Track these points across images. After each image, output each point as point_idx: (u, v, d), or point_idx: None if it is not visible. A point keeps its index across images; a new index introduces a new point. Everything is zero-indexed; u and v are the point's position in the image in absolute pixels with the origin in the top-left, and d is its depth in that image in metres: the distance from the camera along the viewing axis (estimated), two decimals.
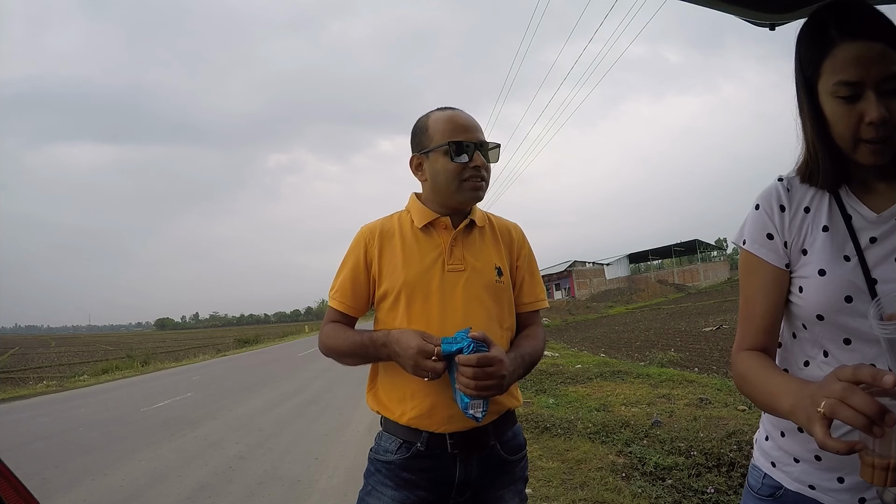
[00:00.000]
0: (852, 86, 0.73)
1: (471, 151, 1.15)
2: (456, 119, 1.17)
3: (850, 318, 0.78)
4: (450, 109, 1.21)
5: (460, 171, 1.15)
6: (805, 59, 0.79)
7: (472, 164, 1.15)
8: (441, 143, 1.15)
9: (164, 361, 21.82)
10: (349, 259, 1.21)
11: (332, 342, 1.18)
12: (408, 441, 1.13)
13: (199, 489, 3.77)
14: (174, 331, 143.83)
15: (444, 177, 1.16)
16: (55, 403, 9.83)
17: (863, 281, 0.77)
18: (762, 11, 1.14)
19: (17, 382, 18.09)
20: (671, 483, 3.00)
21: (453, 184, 1.16)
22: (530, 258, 1.30)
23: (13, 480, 0.69)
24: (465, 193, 1.17)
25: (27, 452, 5.33)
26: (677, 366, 7.95)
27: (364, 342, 1.12)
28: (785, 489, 0.88)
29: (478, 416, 1.01)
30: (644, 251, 51.09)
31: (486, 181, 1.19)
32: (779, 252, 0.85)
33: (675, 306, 26.81)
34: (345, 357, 1.18)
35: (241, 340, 36.00)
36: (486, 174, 1.19)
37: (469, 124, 1.18)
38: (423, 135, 1.20)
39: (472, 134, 1.17)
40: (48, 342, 52.61)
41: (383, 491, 1.14)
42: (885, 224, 0.79)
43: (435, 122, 1.18)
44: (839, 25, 0.74)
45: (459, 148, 1.15)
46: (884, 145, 0.74)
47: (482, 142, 1.18)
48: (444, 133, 1.16)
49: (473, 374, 0.96)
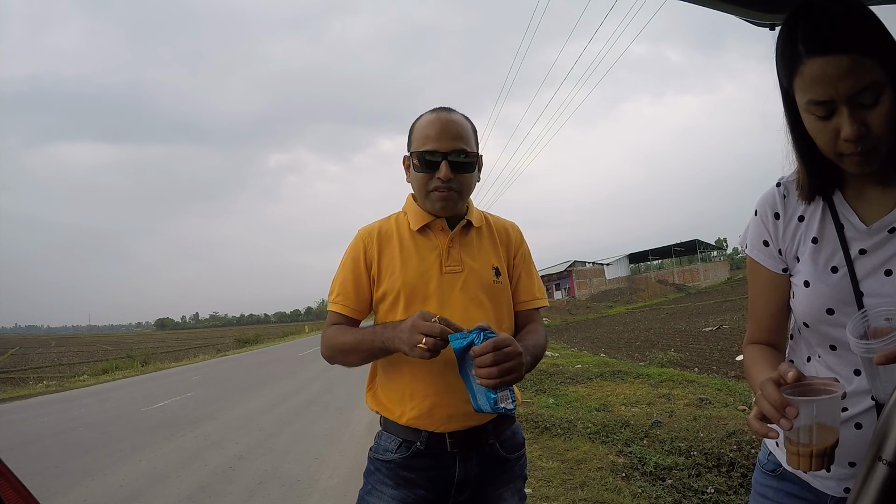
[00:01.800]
0: (823, 104, 0.71)
1: (436, 163, 1.12)
2: (433, 124, 1.14)
3: (833, 329, 0.80)
4: (436, 112, 1.17)
5: (426, 182, 1.14)
6: (780, 73, 0.77)
7: (437, 175, 1.12)
8: (415, 150, 1.15)
9: (164, 361, 21.82)
10: (348, 261, 1.21)
11: (335, 340, 1.17)
12: (407, 440, 1.14)
13: (199, 489, 3.77)
14: (174, 331, 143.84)
15: (415, 184, 1.18)
16: (55, 403, 9.84)
17: (850, 293, 0.78)
18: (762, 11, 1.14)
19: (17, 382, 18.09)
20: (671, 483, 3.00)
21: (422, 193, 1.16)
22: (527, 257, 1.29)
23: (13, 480, 0.69)
24: (434, 204, 1.16)
25: (27, 452, 5.33)
26: (677, 366, 7.95)
27: (365, 335, 1.12)
28: (783, 468, 0.93)
29: (510, 408, 0.97)
30: (644, 251, 51.10)
31: (456, 191, 1.15)
32: (775, 258, 0.88)
33: (675, 306, 26.81)
34: (348, 354, 1.17)
35: (241, 340, 36.02)
36: (457, 185, 1.14)
37: (444, 131, 1.12)
38: (410, 136, 1.20)
39: (443, 143, 1.12)
40: (48, 342, 52.61)
41: (383, 490, 1.14)
42: (876, 236, 0.78)
43: (419, 125, 1.17)
44: (805, 40, 0.70)
45: (424, 157, 1.13)
46: (867, 156, 0.72)
47: (453, 151, 1.12)
48: (418, 140, 1.15)
49: (493, 360, 0.92)
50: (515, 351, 0.95)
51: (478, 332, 0.96)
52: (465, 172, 1.15)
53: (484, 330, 0.96)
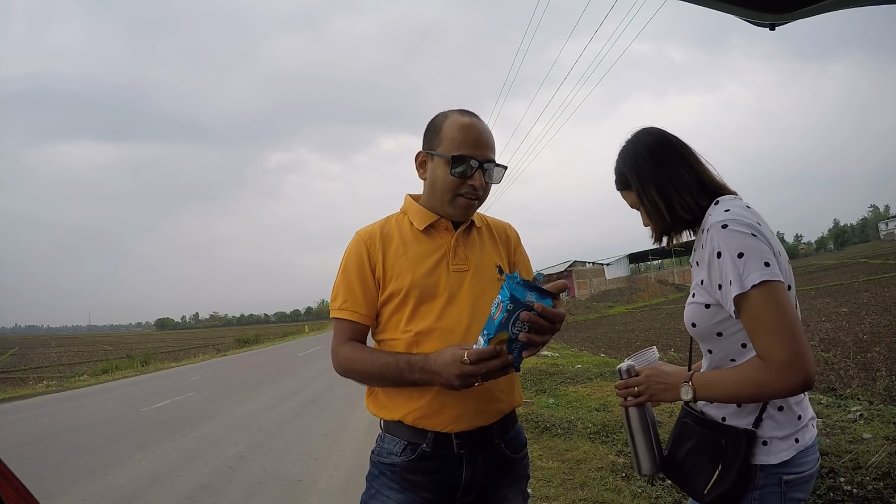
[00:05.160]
0: None
1: (472, 169, 1.13)
2: (469, 130, 1.14)
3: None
4: (469, 116, 1.17)
5: (457, 186, 1.14)
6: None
7: (469, 182, 1.13)
8: (447, 152, 1.14)
9: (164, 361, 21.81)
10: (352, 265, 1.17)
11: (357, 365, 1.12)
12: (413, 442, 1.12)
13: (199, 489, 3.77)
14: (174, 331, 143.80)
15: (440, 185, 1.16)
16: (55, 403, 9.83)
17: None
18: (762, 11, 1.14)
19: (17, 382, 18.08)
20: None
21: (447, 195, 1.16)
22: (524, 256, 1.34)
23: (13, 480, 0.69)
24: (457, 209, 1.17)
25: (27, 452, 5.33)
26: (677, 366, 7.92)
27: (399, 365, 1.06)
28: None
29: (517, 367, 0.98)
30: (644, 251, 51.03)
31: (480, 200, 1.18)
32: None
33: (676, 306, 26.77)
34: (372, 380, 1.14)
35: (241, 340, 35.99)
36: (483, 193, 1.17)
37: (481, 140, 1.15)
38: (435, 135, 1.17)
39: (480, 150, 1.14)
40: (48, 342, 52.60)
41: (388, 494, 1.12)
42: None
43: (450, 126, 1.15)
44: None
45: (462, 162, 1.12)
46: None
47: (488, 160, 1.15)
48: (453, 142, 1.13)
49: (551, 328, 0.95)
50: (561, 320, 0.97)
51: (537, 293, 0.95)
52: (492, 182, 1.18)
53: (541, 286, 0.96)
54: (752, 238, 0.94)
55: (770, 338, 0.90)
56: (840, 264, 32.42)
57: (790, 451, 1.00)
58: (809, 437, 1.03)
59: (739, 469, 0.99)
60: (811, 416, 1.06)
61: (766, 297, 0.90)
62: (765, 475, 1.00)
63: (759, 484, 1.00)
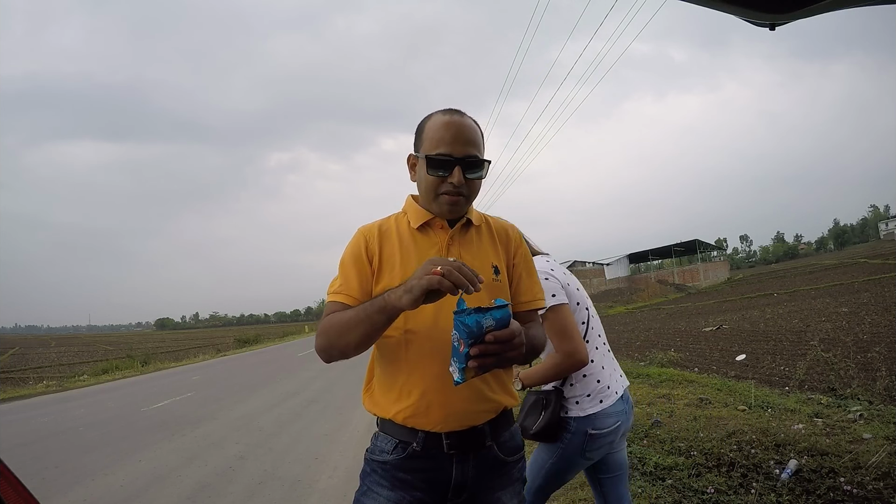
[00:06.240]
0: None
1: (450, 166, 1.13)
2: (448, 128, 1.14)
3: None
4: (449, 114, 1.17)
5: (437, 185, 1.15)
6: None
7: (449, 180, 1.13)
8: (427, 152, 1.15)
9: (164, 361, 21.83)
10: (351, 256, 1.20)
11: (331, 322, 1.09)
12: (404, 441, 1.13)
13: (199, 489, 3.77)
14: (174, 331, 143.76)
15: (423, 185, 1.18)
16: (55, 403, 9.84)
17: None
18: (762, 11, 1.14)
19: (17, 382, 18.09)
20: (671, 483, 3.00)
21: (430, 195, 1.17)
22: (527, 258, 1.29)
23: (13, 480, 0.69)
24: (442, 206, 1.17)
25: (27, 452, 5.34)
26: (677, 366, 7.94)
27: (367, 305, 1.03)
28: None
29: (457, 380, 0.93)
30: (644, 251, 51.09)
31: (464, 196, 1.16)
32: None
33: (675, 306, 26.80)
34: (345, 333, 1.07)
35: (241, 340, 36.04)
36: (467, 190, 1.16)
37: (459, 136, 1.14)
38: (419, 137, 1.19)
39: (458, 147, 1.13)
40: (48, 342, 52.60)
41: (379, 491, 1.13)
42: None
43: (430, 126, 1.17)
44: None
45: (438, 161, 1.13)
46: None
47: (466, 156, 1.14)
48: (432, 141, 1.14)
49: (502, 349, 0.90)
50: (520, 343, 0.93)
51: (497, 314, 0.91)
52: (476, 178, 1.17)
53: (502, 307, 0.92)
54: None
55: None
56: (840, 264, 32.44)
57: (595, 408, 1.59)
58: (610, 402, 1.61)
59: (552, 412, 1.61)
60: (615, 387, 1.64)
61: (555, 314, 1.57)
62: (577, 425, 1.59)
63: (571, 430, 1.60)
